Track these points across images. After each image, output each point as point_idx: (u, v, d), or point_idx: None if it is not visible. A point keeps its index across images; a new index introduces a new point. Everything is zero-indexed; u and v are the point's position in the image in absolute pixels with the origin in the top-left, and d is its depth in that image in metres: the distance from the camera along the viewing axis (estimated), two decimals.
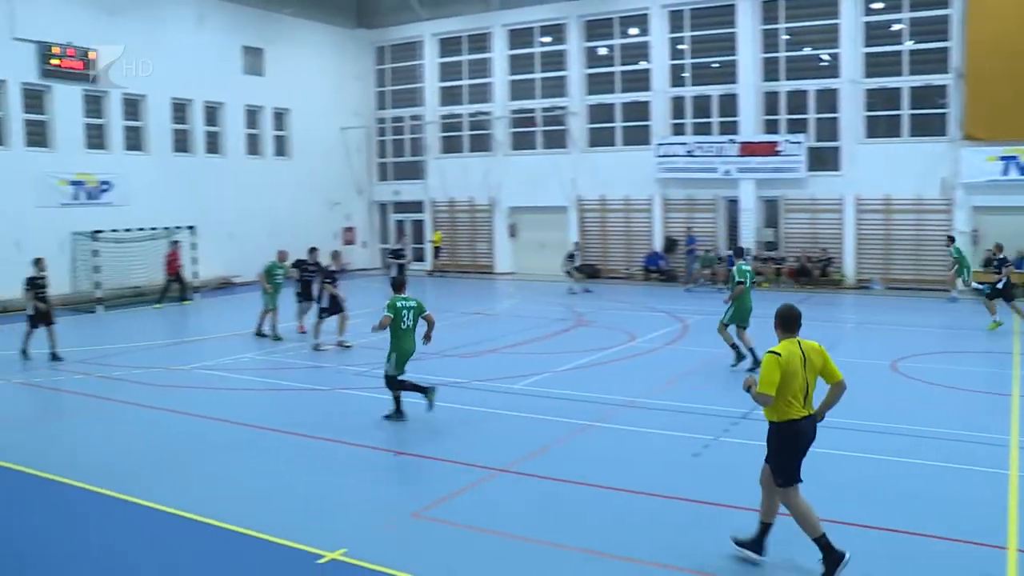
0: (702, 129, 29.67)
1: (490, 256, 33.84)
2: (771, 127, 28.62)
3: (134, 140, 28.26)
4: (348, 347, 17.52)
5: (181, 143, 29.74)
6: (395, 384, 12.04)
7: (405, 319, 11.94)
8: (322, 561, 7.50)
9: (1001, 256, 19.73)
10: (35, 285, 16.85)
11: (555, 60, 32.37)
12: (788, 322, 7.22)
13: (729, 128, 29.03)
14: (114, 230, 25.45)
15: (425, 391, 11.89)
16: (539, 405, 12.78)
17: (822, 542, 6.92)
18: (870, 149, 27.00)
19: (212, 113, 30.76)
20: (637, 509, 8.65)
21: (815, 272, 27.13)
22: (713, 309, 22.41)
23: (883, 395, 13.13)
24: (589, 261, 31.31)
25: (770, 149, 27.93)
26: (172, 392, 14.32)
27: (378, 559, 7.47)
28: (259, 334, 19.24)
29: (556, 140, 32.23)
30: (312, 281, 18.89)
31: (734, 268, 15.38)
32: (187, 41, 29.24)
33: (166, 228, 26.75)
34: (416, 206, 35.77)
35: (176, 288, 25.89)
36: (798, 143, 27.53)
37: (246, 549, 7.88)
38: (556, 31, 32.21)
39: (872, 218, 27.31)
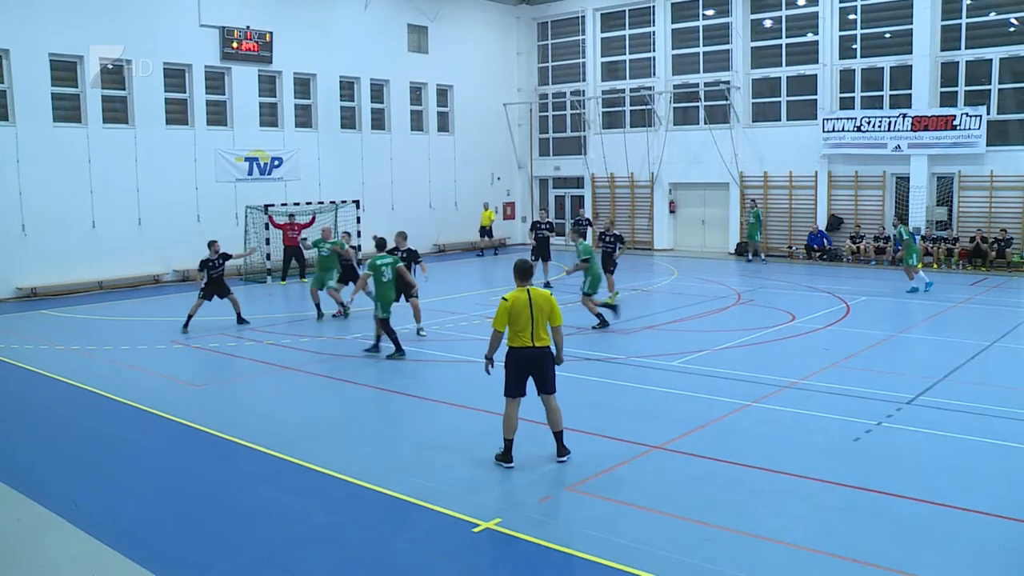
0: (872, 103, 28.61)
1: (649, 232, 33.73)
2: (947, 100, 27.27)
3: (304, 118, 29.56)
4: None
5: (348, 120, 30.92)
6: (387, 328, 14.63)
7: (385, 274, 14.60)
8: (477, 530, 7.77)
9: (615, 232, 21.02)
10: (204, 265, 17.75)
11: (719, 33, 31.81)
12: (521, 273, 9.32)
13: (901, 101, 27.87)
14: (284, 204, 26.75)
15: (397, 351, 14.44)
16: (697, 383, 12.85)
17: (508, 444, 9.26)
18: None
19: (378, 91, 31.83)
20: (791, 492, 8.62)
21: (990, 254, 25.78)
22: (879, 290, 21.79)
23: None
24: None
25: (946, 123, 26.68)
26: (333, 361, 15.03)
27: (531, 530, 7.69)
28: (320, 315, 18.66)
29: (719, 115, 31.73)
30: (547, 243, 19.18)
31: (578, 246, 16.83)
32: (355, 20, 30.41)
33: (332, 202, 27.92)
34: (576, 181, 36.00)
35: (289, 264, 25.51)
36: (978, 116, 26.15)
37: (404, 515, 8.21)
38: (720, 3, 31.59)
39: None
